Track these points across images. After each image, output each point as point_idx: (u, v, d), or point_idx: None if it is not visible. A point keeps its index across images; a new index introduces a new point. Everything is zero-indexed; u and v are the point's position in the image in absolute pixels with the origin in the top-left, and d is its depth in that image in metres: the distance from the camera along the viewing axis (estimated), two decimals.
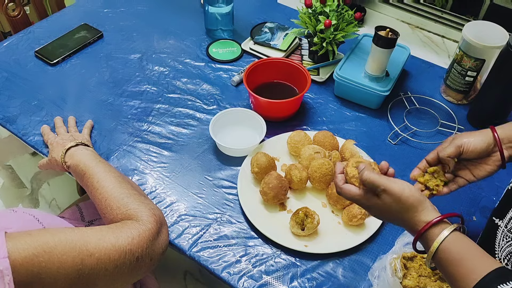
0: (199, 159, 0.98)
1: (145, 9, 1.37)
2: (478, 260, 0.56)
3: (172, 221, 0.87)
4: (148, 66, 1.18)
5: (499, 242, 0.65)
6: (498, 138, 0.71)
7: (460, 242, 0.58)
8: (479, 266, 0.55)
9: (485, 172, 0.73)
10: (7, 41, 1.23)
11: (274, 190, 0.85)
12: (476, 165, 0.74)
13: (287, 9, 1.39)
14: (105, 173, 0.79)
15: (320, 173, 0.88)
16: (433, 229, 0.59)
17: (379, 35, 0.98)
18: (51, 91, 1.10)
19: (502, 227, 0.67)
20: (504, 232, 0.65)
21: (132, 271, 0.67)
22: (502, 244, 0.64)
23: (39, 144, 0.98)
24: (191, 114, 1.07)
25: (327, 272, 0.80)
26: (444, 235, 0.58)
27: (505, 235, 0.64)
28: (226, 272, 0.80)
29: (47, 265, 0.56)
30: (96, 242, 0.63)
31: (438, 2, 1.30)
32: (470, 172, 0.75)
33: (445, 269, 0.58)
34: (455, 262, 0.56)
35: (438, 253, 0.58)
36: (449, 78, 1.10)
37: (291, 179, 0.89)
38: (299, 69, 1.06)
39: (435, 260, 0.59)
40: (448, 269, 0.58)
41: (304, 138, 0.95)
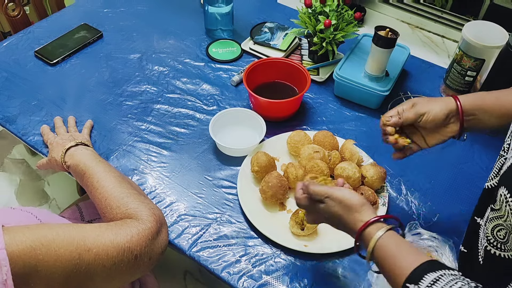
0: (199, 159, 0.98)
1: (145, 9, 1.37)
2: (411, 255, 0.59)
3: (172, 221, 0.87)
4: (148, 66, 1.18)
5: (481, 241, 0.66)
6: (461, 107, 0.73)
7: (394, 240, 0.61)
8: (411, 260, 0.57)
9: (436, 140, 0.76)
10: (7, 41, 1.23)
11: (273, 189, 0.86)
12: (430, 133, 0.76)
13: (287, 9, 1.39)
14: (105, 173, 0.79)
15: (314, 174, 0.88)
16: (371, 228, 0.63)
17: (379, 35, 0.98)
18: (51, 91, 1.10)
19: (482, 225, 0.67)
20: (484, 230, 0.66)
21: (130, 270, 0.67)
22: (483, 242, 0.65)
23: (38, 144, 0.98)
24: (191, 114, 1.07)
25: (327, 272, 0.80)
26: (379, 234, 0.61)
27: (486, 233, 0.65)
28: (226, 272, 0.80)
29: (44, 258, 0.56)
30: (95, 238, 0.63)
31: (438, 2, 1.30)
32: (423, 139, 0.78)
33: (382, 265, 0.61)
34: (391, 258, 0.59)
35: (375, 251, 0.61)
36: (449, 78, 1.10)
37: (288, 177, 0.89)
38: (299, 69, 1.06)
39: (374, 258, 0.62)
40: (384, 265, 0.60)
41: (304, 138, 0.95)
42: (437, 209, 0.90)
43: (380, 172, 0.89)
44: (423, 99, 0.76)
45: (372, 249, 0.61)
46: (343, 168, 0.89)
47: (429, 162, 0.98)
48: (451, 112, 0.73)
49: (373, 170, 0.89)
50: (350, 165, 0.89)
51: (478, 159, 0.99)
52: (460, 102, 0.73)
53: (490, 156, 0.98)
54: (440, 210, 0.90)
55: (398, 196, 0.92)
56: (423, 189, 0.93)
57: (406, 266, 0.57)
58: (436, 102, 0.74)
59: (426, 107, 0.74)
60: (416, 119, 0.74)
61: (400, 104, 0.78)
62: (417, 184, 0.94)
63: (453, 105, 0.73)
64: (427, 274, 0.54)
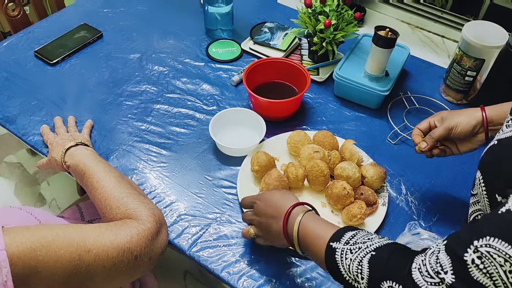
0: (199, 159, 0.98)
1: (145, 9, 1.37)
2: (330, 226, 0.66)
3: (172, 221, 0.87)
4: (148, 66, 1.18)
5: None
6: (486, 119, 0.78)
7: (313, 218, 0.68)
8: (332, 228, 0.65)
9: (467, 148, 0.83)
10: (7, 41, 1.23)
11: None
12: (461, 141, 0.83)
13: (287, 9, 1.39)
14: (104, 173, 0.79)
15: (313, 175, 0.88)
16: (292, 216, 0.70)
17: (378, 35, 0.98)
18: (50, 91, 1.10)
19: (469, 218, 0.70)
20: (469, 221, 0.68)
21: (130, 270, 0.67)
22: None
23: (38, 144, 0.98)
24: (191, 114, 1.07)
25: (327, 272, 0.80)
26: (300, 216, 0.68)
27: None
28: (226, 272, 0.80)
29: (45, 259, 0.56)
30: (95, 239, 0.63)
31: (438, 2, 1.30)
32: (456, 146, 0.84)
33: (307, 245, 0.67)
34: (313, 231, 0.66)
35: (299, 233, 0.67)
36: (449, 78, 1.10)
37: (288, 177, 0.89)
38: (298, 69, 1.06)
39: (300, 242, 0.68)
40: (308, 244, 0.66)
41: (304, 137, 0.95)
42: (437, 209, 0.90)
43: (380, 172, 0.89)
44: (451, 113, 0.82)
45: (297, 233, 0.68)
46: (343, 168, 0.89)
47: (429, 162, 0.98)
48: (478, 123, 0.79)
49: (373, 170, 0.89)
50: (350, 165, 0.89)
51: (478, 159, 0.98)
52: (486, 113, 0.78)
53: None
54: (440, 210, 0.90)
55: (398, 196, 0.92)
56: (423, 189, 0.93)
57: (327, 232, 0.64)
58: (463, 115, 0.80)
59: (454, 121, 0.80)
60: (447, 133, 0.81)
61: (431, 116, 0.85)
62: (417, 184, 0.94)
63: (480, 116, 0.78)
64: (346, 232, 0.63)
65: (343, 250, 0.60)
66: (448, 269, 0.49)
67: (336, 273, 0.62)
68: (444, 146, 0.85)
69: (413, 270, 0.53)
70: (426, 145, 0.83)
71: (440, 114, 0.83)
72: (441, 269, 0.50)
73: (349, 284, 0.60)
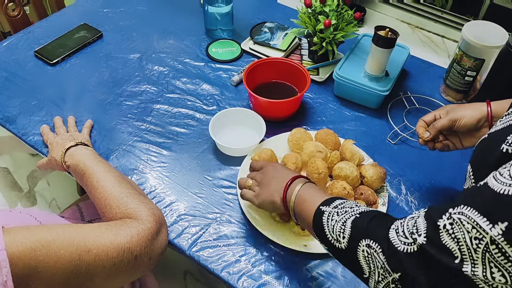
0: (199, 159, 0.98)
1: (145, 9, 1.37)
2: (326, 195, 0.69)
3: (172, 221, 0.87)
4: (148, 66, 1.18)
5: None
6: (491, 113, 0.78)
7: (313, 187, 0.72)
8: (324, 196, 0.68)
9: (471, 143, 0.83)
10: (7, 41, 1.23)
11: None
12: (465, 136, 0.83)
13: (286, 9, 1.39)
14: (104, 173, 0.79)
15: (309, 171, 0.88)
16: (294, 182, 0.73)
17: (378, 35, 0.98)
18: (50, 91, 1.10)
19: None
20: None
21: (130, 270, 0.67)
22: None
23: (38, 144, 0.98)
24: (191, 114, 1.07)
25: (327, 272, 0.80)
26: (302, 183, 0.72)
27: None
28: (226, 272, 0.80)
29: (45, 259, 0.56)
30: (95, 239, 0.63)
31: (438, 2, 1.30)
32: (460, 141, 0.84)
33: (300, 210, 0.70)
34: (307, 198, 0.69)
35: (297, 198, 0.71)
36: (449, 78, 1.10)
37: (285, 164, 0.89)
38: (298, 69, 1.06)
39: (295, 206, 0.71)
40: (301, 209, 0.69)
41: (305, 134, 0.95)
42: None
43: (379, 173, 0.89)
44: (457, 106, 0.83)
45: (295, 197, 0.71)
46: (340, 168, 0.89)
47: (429, 162, 0.98)
48: (482, 117, 0.79)
49: (373, 171, 0.89)
50: (348, 164, 0.89)
51: None
52: (491, 108, 0.78)
53: None
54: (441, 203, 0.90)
55: (398, 196, 0.92)
56: (423, 189, 0.93)
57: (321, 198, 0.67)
58: (469, 108, 0.81)
59: (458, 114, 0.81)
60: (451, 125, 0.81)
61: (437, 109, 0.86)
62: (417, 184, 0.94)
63: (485, 110, 0.79)
64: (338, 199, 0.66)
65: (330, 213, 0.64)
66: (422, 232, 0.52)
67: (320, 234, 0.65)
68: (447, 140, 0.85)
69: (390, 230, 0.56)
70: (429, 134, 0.84)
71: (446, 108, 0.84)
72: (416, 231, 0.53)
73: (331, 244, 0.63)
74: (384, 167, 0.91)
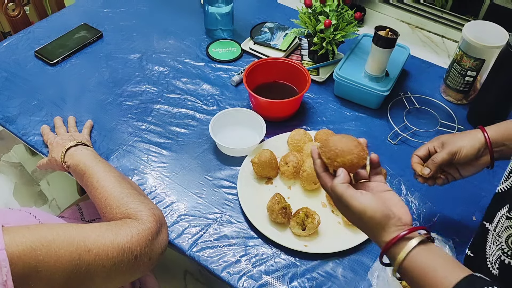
0: (199, 159, 0.98)
1: (145, 9, 1.37)
2: (447, 270, 0.54)
3: (172, 221, 0.87)
4: (148, 66, 1.18)
5: (490, 246, 0.65)
6: (489, 140, 0.74)
7: (427, 252, 0.56)
8: (448, 275, 0.52)
9: (470, 172, 0.79)
10: (7, 41, 1.23)
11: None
12: (464, 166, 0.78)
13: (287, 9, 1.39)
14: (105, 173, 0.79)
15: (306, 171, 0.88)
16: (400, 241, 0.57)
17: (379, 35, 0.98)
18: (51, 91, 1.10)
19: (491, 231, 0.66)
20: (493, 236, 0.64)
21: (130, 270, 0.67)
22: (492, 248, 0.64)
23: (39, 144, 0.98)
24: (191, 114, 1.07)
25: (327, 272, 0.80)
26: (412, 245, 0.56)
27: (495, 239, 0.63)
28: (226, 272, 0.80)
29: (45, 258, 0.56)
30: (95, 239, 0.63)
31: (438, 2, 1.30)
32: (457, 171, 0.79)
33: (413, 281, 0.56)
34: (423, 273, 0.54)
35: (405, 264, 0.56)
36: (449, 78, 1.10)
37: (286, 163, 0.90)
38: (299, 69, 1.06)
39: (402, 272, 0.57)
40: (415, 281, 0.55)
41: (304, 136, 0.95)
42: (437, 209, 0.90)
43: None
44: (452, 136, 0.78)
45: (401, 261, 0.56)
46: None
47: None
48: (481, 146, 0.75)
49: None
50: None
51: None
52: (488, 135, 0.74)
53: None
54: (440, 210, 0.90)
55: None
56: (423, 189, 0.93)
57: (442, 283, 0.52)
58: (465, 138, 0.76)
59: (457, 145, 0.75)
60: (451, 158, 0.76)
61: (429, 142, 0.80)
62: (417, 184, 0.94)
63: (482, 138, 0.75)
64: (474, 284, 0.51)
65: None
66: None
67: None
68: (445, 173, 0.80)
69: None
70: (429, 171, 0.77)
71: (440, 139, 0.79)
72: None
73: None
74: (384, 167, 0.91)
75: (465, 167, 0.78)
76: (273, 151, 0.94)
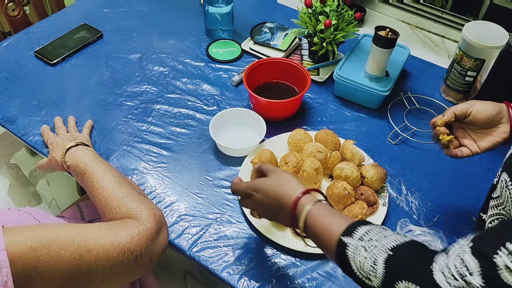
0: (199, 159, 0.98)
1: (145, 9, 1.37)
2: (342, 218, 0.62)
3: (172, 221, 0.87)
4: (148, 66, 1.18)
5: None
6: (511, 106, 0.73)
7: (324, 208, 0.64)
8: (344, 220, 0.61)
9: (489, 143, 0.76)
10: (7, 41, 1.23)
11: None
12: (481, 135, 0.76)
13: (287, 9, 1.39)
14: (105, 173, 0.79)
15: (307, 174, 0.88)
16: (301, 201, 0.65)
17: (379, 35, 0.98)
18: (51, 91, 1.10)
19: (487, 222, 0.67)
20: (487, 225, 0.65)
21: (130, 270, 0.67)
22: None
23: (39, 144, 0.98)
24: (191, 114, 1.07)
25: (327, 272, 0.80)
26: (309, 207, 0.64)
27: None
28: (226, 272, 0.80)
29: (45, 258, 0.56)
30: (95, 239, 0.63)
31: (438, 2, 1.30)
32: (475, 143, 0.78)
33: (315, 236, 0.63)
34: (323, 222, 0.62)
35: (307, 224, 0.64)
36: (449, 78, 1.10)
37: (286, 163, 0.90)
38: (299, 69, 1.06)
39: (308, 233, 0.65)
40: (317, 235, 0.63)
41: (304, 136, 0.95)
42: (437, 209, 0.90)
43: (380, 173, 0.89)
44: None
45: (303, 223, 0.64)
46: (341, 168, 0.89)
47: (429, 162, 0.98)
48: (502, 110, 0.74)
49: (373, 171, 0.89)
50: (348, 164, 0.89)
51: (478, 159, 0.98)
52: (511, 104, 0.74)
53: (491, 156, 0.98)
54: (440, 210, 0.90)
55: (398, 196, 0.92)
56: (423, 189, 0.93)
57: (339, 224, 0.60)
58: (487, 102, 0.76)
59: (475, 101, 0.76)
60: (466, 109, 0.75)
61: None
62: (417, 184, 0.94)
63: (504, 106, 0.74)
64: (359, 227, 0.58)
65: (357, 247, 0.57)
66: (475, 272, 0.46)
67: (346, 268, 0.59)
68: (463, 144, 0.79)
69: (434, 271, 0.50)
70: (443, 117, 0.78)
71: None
72: (467, 271, 0.47)
73: (359, 279, 0.57)
74: (384, 168, 0.91)
75: (481, 136, 0.76)
76: (273, 151, 0.94)
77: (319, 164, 0.89)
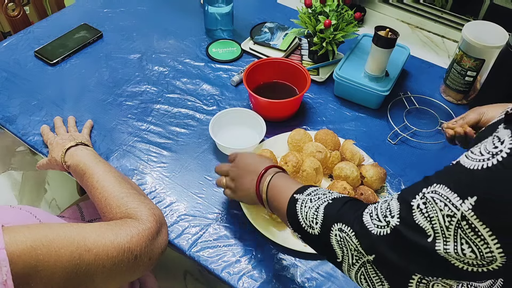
0: (199, 159, 0.98)
1: (145, 9, 1.37)
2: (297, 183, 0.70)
3: (172, 221, 0.87)
4: (148, 66, 1.18)
5: None
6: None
7: (284, 177, 0.73)
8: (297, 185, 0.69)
9: None
10: (7, 41, 1.23)
11: None
12: None
13: (286, 9, 1.39)
14: (104, 173, 0.79)
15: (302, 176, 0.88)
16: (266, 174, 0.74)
17: (378, 35, 0.98)
18: (50, 91, 1.10)
19: None
20: None
21: (130, 270, 0.67)
22: None
23: (38, 144, 0.98)
24: (191, 114, 1.07)
25: (327, 272, 0.80)
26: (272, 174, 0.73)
27: None
28: (226, 272, 0.80)
29: (45, 258, 0.56)
30: (95, 238, 0.63)
31: (438, 2, 1.30)
32: None
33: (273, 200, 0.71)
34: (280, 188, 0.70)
35: (269, 189, 0.72)
36: (449, 78, 1.10)
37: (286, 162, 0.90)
38: (299, 69, 1.06)
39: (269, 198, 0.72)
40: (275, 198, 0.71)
41: (304, 136, 0.95)
42: None
43: (380, 173, 0.89)
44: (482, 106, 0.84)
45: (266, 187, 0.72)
46: (341, 168, 0.89)
47: (429, 162, 0.98)
48: None
49: (373, 171, 0.89)
50: (348, 164, 0.89)
51: None
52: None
53: None
54: None
55: None
56: None
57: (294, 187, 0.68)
58: (495, 105, 0.83)
59: (485, 107, 0.83)
60: (479, 118, 0.82)
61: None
62: None
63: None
64: (311, 187, 0.67)
65: (304, 200, 0.65)
66: (395, 214, 0.52)
67: (294, 222, 0.65)
68: None
69: (364, 214, 0.57)
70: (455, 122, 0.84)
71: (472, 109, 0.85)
72: (389, 214, 0.53)
73: (304, 231, 0.64)
74: (384, 167, 0.91)
75: None
76: (273, 151, 0.94)
77: (319, 164, 0.89)
